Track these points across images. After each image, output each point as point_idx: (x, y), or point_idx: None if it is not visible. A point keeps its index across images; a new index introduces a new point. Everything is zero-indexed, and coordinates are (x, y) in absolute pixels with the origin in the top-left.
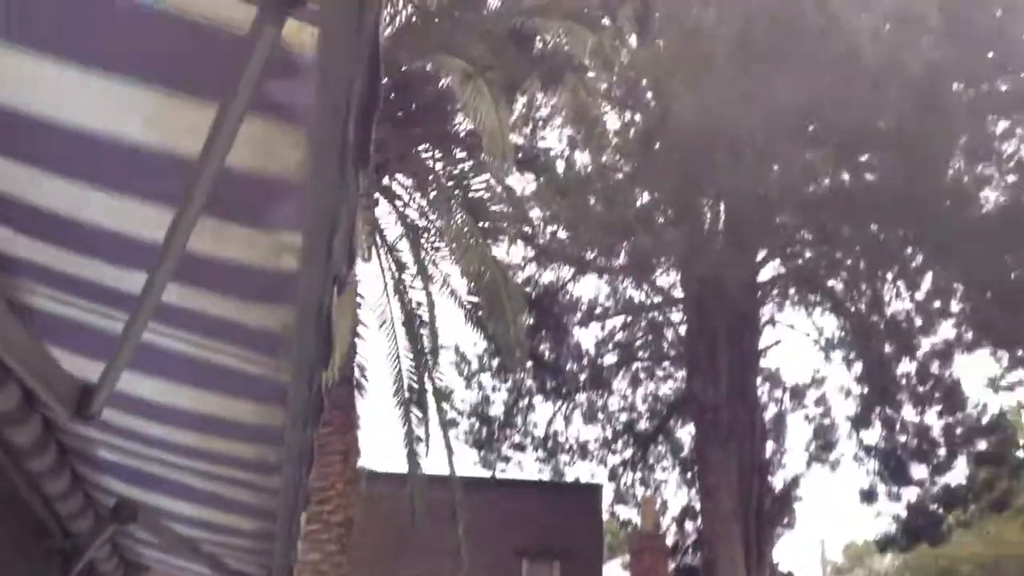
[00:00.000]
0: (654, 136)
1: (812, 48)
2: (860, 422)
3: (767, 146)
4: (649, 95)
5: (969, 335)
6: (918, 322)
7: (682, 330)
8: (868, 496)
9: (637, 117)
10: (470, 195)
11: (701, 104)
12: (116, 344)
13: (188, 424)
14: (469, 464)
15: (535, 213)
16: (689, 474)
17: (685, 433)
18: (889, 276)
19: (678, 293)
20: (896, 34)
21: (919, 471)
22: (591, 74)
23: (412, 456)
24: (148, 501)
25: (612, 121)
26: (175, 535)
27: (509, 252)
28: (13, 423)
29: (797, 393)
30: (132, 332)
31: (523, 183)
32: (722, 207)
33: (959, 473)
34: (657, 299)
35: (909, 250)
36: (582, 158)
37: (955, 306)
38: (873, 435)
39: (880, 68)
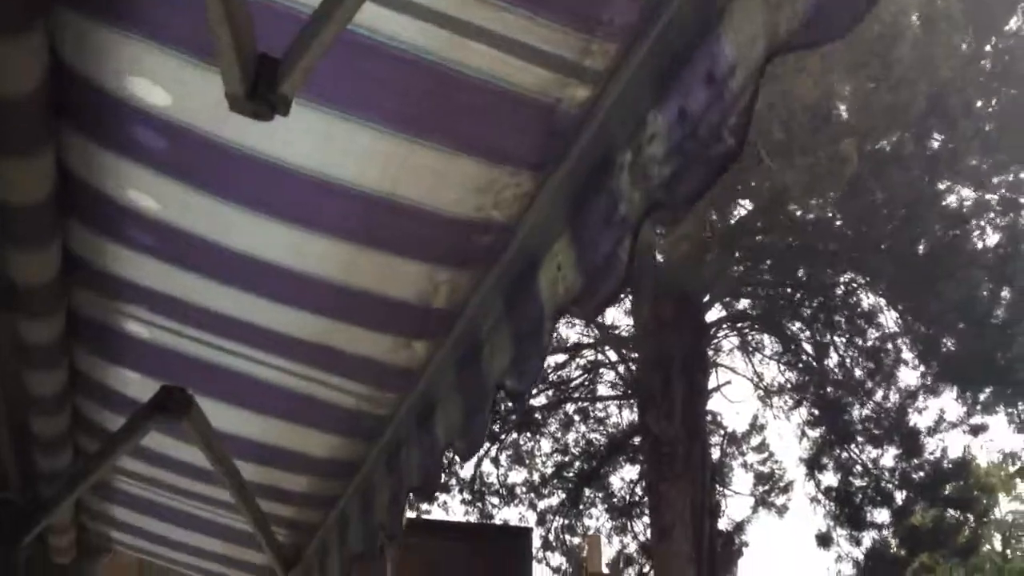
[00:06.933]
0: None
1: None
2: (814, 465)
3: None
4: None
5: (928, 380)
6: (871, 366)
7: (621, 369)
8: (824, 541)
9: None
10: None
11: None
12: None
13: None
14: None
15: None
16: (624, 520)
17: (617, 479)
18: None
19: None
20: None
21: (880, 515)
22: None
23: None
24: None
25: None
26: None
27: None
28: None
29: (738, 439)
30: None
31: None
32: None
33: (924, 517)
34: (596, 335)
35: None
36: None
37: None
38: (828, 478)
39: None
